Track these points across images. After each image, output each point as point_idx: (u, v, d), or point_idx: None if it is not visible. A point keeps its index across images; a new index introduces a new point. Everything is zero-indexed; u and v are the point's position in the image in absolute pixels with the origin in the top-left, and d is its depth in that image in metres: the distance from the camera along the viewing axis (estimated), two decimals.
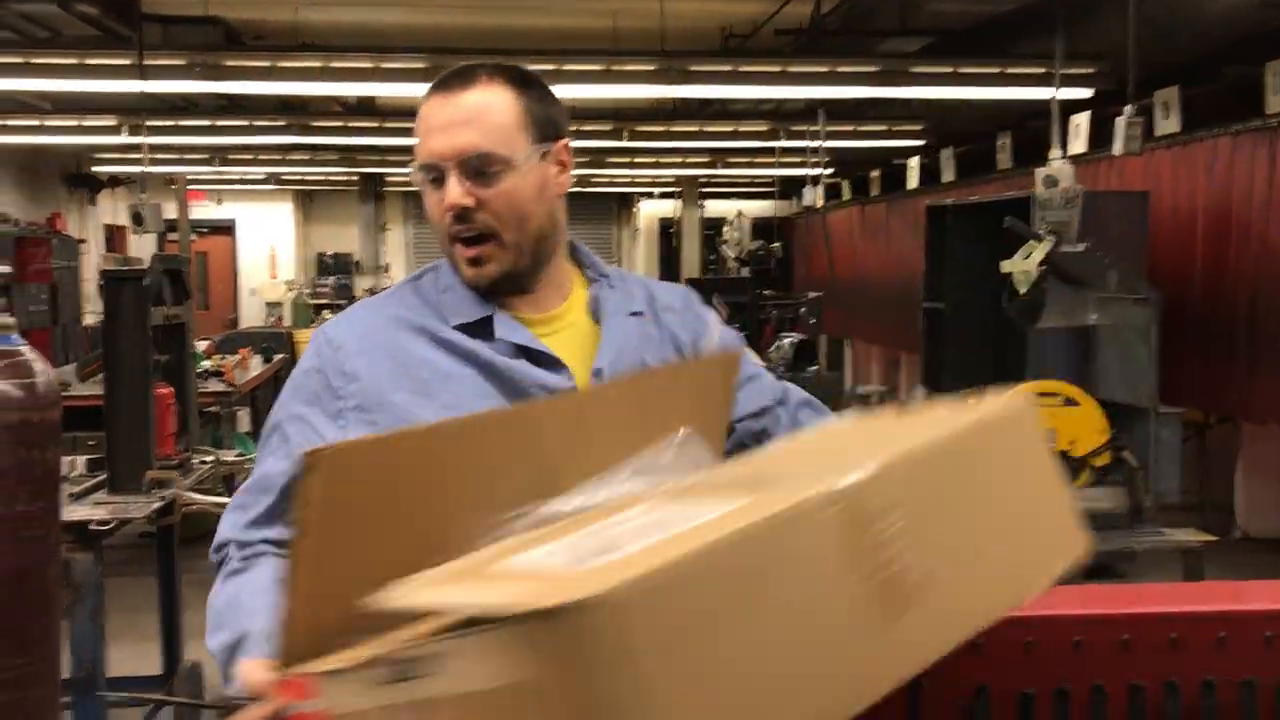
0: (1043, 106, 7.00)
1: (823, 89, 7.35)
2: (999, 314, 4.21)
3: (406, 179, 16.98)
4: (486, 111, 1.40)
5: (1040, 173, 4.74)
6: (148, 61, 6.55)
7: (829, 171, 12.21)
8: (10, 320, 2.20)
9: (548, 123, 1.45)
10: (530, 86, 1.45)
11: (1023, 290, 3.68)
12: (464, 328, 1.44)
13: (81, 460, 3.93)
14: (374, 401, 1.40)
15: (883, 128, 10.08)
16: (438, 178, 1.40)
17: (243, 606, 1.26)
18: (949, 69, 7.18)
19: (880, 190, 12.92)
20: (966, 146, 10.43)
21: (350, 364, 1.42)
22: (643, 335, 1.53)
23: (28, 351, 2.19)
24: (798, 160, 11.42)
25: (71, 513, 3.29)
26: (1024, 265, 3.65)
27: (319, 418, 1.41)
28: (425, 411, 1.37)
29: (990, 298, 5.20)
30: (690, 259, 15.48)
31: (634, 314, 1.54)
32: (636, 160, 13.16)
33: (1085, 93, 6.91)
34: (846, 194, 14.13)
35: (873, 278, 12.55)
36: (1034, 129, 8.84)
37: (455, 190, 1.38)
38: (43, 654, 2.17)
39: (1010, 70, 7.02)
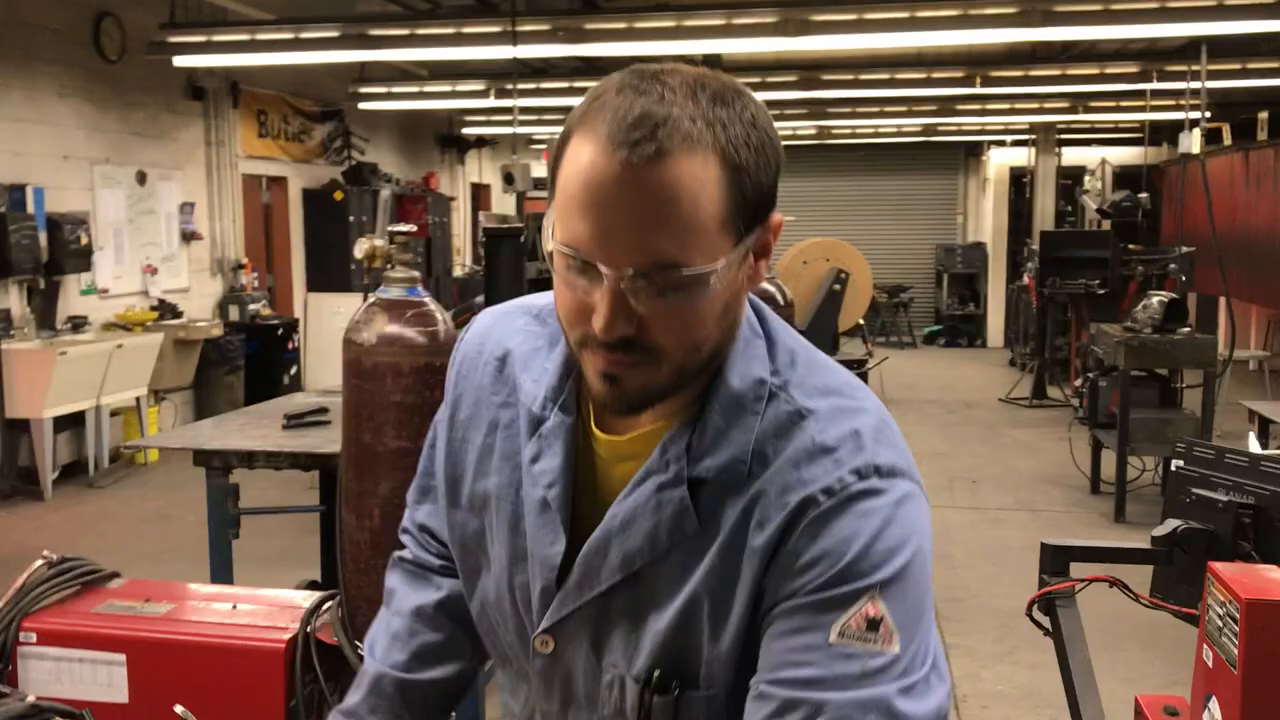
0: None
1: (1207, 24, 6.70)
2: None
3: None
4: (686, 203, 0.91)
5: None
6: (517, 29, 6.96)
7: (1208, 115, 11.16)
8: (416, 274, 2.42)
9: (761, 201, 0.97)
10: (750, 144, 0.95)
11: None
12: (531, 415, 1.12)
13: None
14: (453, 438, 1.21)
15: (1274, 65, 9.09)
16: (578, 272, 0.95)
17: (375, 640, 1.33)
18: None
19: (1269, 134, 11.69)
20: None
21: (459, 385, 1.21)
22: (676, 520, 1.02)
23: (430, 302, 2.41)
24: (1171, 103, 10.51)
25: None
26: None
27: (443, 427, 1.24)
28: (480, 484, 1.16)
29: None
30: (1044, 211, 14.65)
31: (701, 480, 1.01)
32: (988, 107, 12.58)
33: None
34: (1227, 139, 12.89)
35: (1256, 231, 11.40)
36: None
37: (612, 312, 0.94)
38: None
39: None
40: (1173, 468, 2.32)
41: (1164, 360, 6.86)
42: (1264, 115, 11.72)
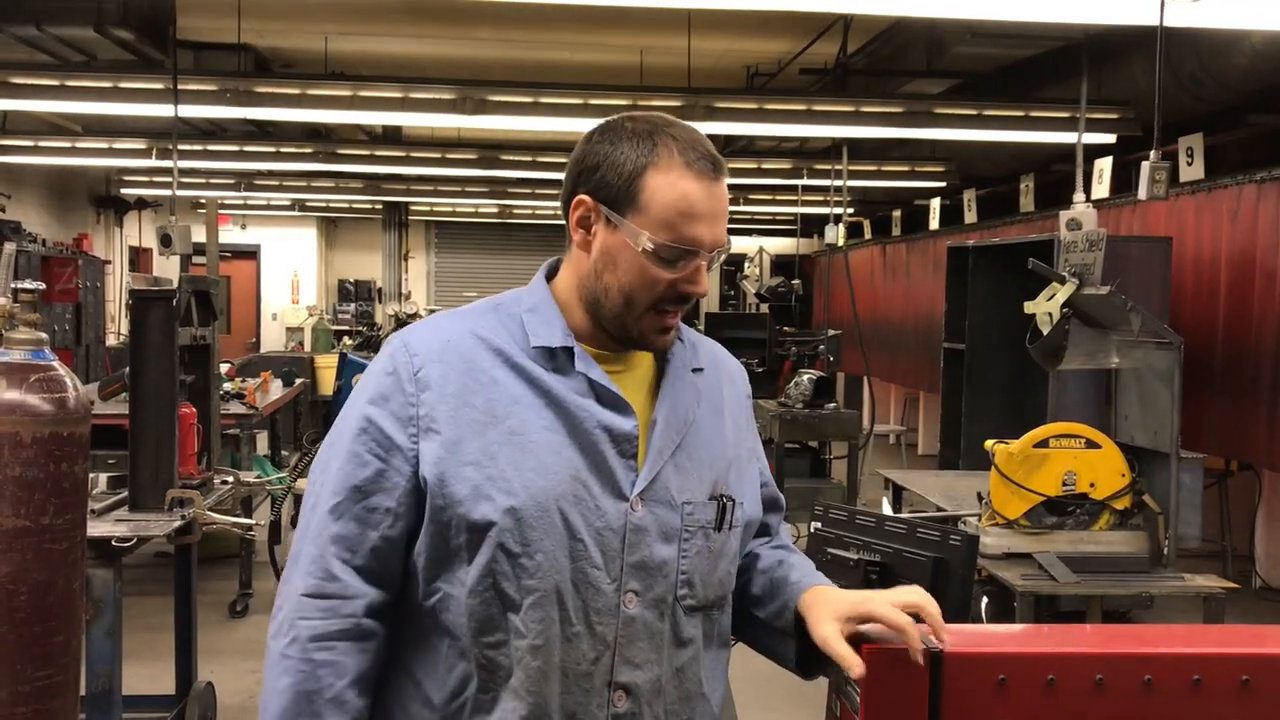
0: (1066, 150, 7.01)
1: (847, 128, 7.38)
2: (1020, 355, 4.19)
3: (430, 208, 17.12)
4: (726, 205, 1.50)
5: (1064, 215, 4.74)
6: (180, 87, 6.63)
7: (851, 210, 12.23)
8: (43, 335, 2.23)
9: None
10: None
11: (1045, 331, 3.66)
12: (541, 352, 1.45)
13: (103, 478, 3.96)
14: (443, 412, 1.41)
15: (906, 168, 10.12)
16: (679, 259, 1.44)
17: None
18: (973, 111, 7.20)
19: (901, 230, 12.94)
20: (989, 188, 10.45)
21: (425, 371, 1.43)
22: (697, 392, 1.55)
23: (60, 366, 2.22)
24: (820, 198, 11.45)
25: (93, 529, 3.31)
26: (1047, 306, 3.64)
27: (387, 420, 1.42)
28: (490, 432, 1.41)
29: (1011, 339, 5.19)
30: (710, 294, 15.52)
31: (696, 370, 1.57)
32: None
33: (1109, 138, 6.93)
34: (868, 233, 14.15)
35: (893, 317, 12.54)
36: (1057, 172, 8.87)
37: (707, 280, 1.49)
38: (64, 666, 2.18)
39: (1034, 114, 7.04)
40: (811, 529, 2.48)
41: (814, 433, 7.38)
42: (897, 213, 12.96)
